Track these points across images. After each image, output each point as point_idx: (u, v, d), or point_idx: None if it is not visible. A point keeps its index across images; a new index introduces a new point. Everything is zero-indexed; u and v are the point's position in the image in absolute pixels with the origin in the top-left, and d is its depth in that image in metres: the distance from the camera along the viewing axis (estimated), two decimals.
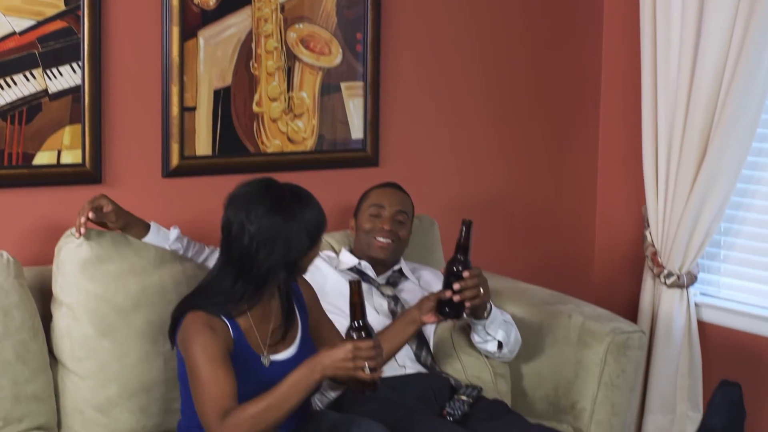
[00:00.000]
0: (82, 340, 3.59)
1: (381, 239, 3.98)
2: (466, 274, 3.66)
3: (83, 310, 3.59)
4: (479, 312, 3.81)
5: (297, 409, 3.19)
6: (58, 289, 3.63)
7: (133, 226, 3.69)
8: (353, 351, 3.05)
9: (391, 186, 4.11)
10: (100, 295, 3.60)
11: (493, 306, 3.86)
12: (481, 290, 3.70)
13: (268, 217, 3.20)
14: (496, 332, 3.90)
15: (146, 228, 3.71)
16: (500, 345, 3.93)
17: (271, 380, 3.17)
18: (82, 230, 3.56)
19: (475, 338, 3.95)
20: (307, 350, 3.37)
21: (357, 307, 3.12)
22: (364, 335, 3.08)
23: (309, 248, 3.25)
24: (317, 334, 3.52)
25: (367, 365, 3.05)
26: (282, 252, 3.20)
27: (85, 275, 3.60)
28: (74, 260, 3.60)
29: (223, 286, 3.27)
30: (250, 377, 3.23)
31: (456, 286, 3.66)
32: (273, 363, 3.31)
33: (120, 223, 3.65)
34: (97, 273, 3.61)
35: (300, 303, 3.49)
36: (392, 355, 3.74)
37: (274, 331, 3.35)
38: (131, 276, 3.63)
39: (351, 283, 3.15)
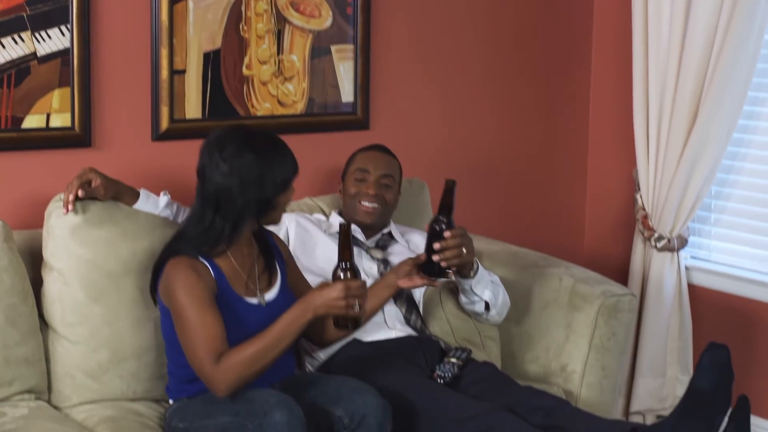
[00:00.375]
0: (74, 306, 3.59)
1: (366, 204, 3.98)
2: (447, 234, 3.63)
3: (74, 276, 3.59)
4: (465, 271, 3.80)
5: (283, 364, 3.32)
6: (48, 253, 3.62)
7: (123, 195, 3.68)
8: (345, 290, 3.15)
9: (377, 149, 4.09)
10: (91, 261, 3.60)
11: (480, 265, 3.85)
12: (464, 250, 3.66)
13: (241, 154, 3.29)
14: (483, 292, 3.89)
15: (136, 196, 3.70)
16: (488, 306, 3.93)
17: (257, 322, 3.27)
18: (70, 207, 3.55)
19: (463, 299, 3.95)
20: (288, 296, 3.46)
21: (345, 249, 3.22)
22: (350, 276, 3.20)
23: (282, 188, 3.33)
24: (294, 288, 3.57)
25: (357, 302, 3.18)
26: (255, 189, 3.29)
27: (76, 240, 3.59)
28: (64, 225, 3.59)
29: (199, 228, 3.35)
30: (234, 320, 3.29)
31: (436, 246, 3.63)
32: (257, 306, 3.39)
33: (109, 195, 3.63)
34: (88, 238, 3.60)
35: (279, 256, 3.55)
36: (369, 317, 3.74)
37: (259, 276, 3.44)
38: (122, 241, 3.63)
39: (341, 225, 3.25)
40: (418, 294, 4.01)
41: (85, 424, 3.47)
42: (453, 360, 3.77)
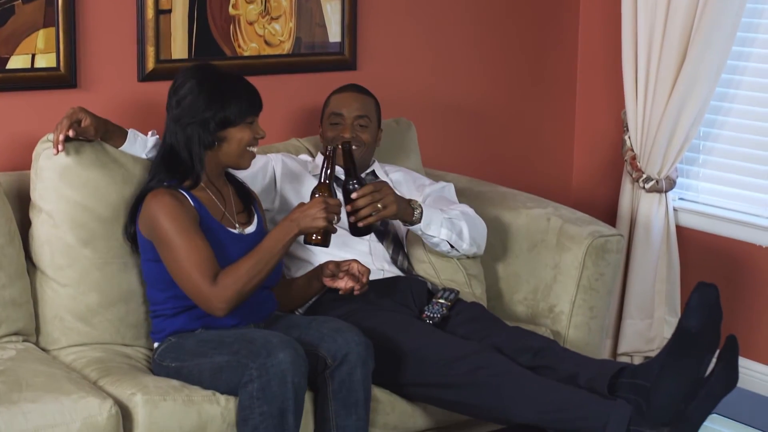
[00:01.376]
0: (63, 249, 3.58)
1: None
2: (354, 195, 3.66)
3: (64, 218, 3.58)
4: (405, 217, 3.79)
5: (265, 299, 3.49)
6: (36, 195, 3.60)
7: (111, 134, 3.64)
8: (324, 205, 3.37)
9: (350, 89, 4.05)
10: (80, 203, 3.58)
11: (425, 208, 3.82)
12: (379, 205, 3.66)
13: (185, 86, 3.49)
14: (439, 232, 3.86)
15: (124, 135, 3.66)
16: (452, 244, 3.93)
17: (239, 251, 3.41)
18: (60, 147, 3.51)
19: (426, 243, 3.94)
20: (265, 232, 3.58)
21: (328, 170, 3.47)
22: (331, 194, 3.46)
23: (227, 121, 3.46)
24: None
25: (335, 218, 3.41)
26: (199, 119, 3.46)
27: (65, 182, 3.58)
28: (53, 167, 3.58)
29: (165, 162, 3.52)
30: (217, 246, 3.40)
31: (348, 208, 3.67)
32: (237, 235, 3.51)
33: (98, 135, 3.60)
34: (77, 180, 3.58)
35: (255, 204, 3.67)
36: (299, 305, 3.75)
37: (237, 214, 3.57)
38: (111, 185, 3.61)
39: (326, 147, 3.47)
40: (403, 234, 4.01)
41: (73, 366, 3.48)
42: (441, 301, 3.77)
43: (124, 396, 3.23)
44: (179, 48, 4.11)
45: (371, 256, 3.88)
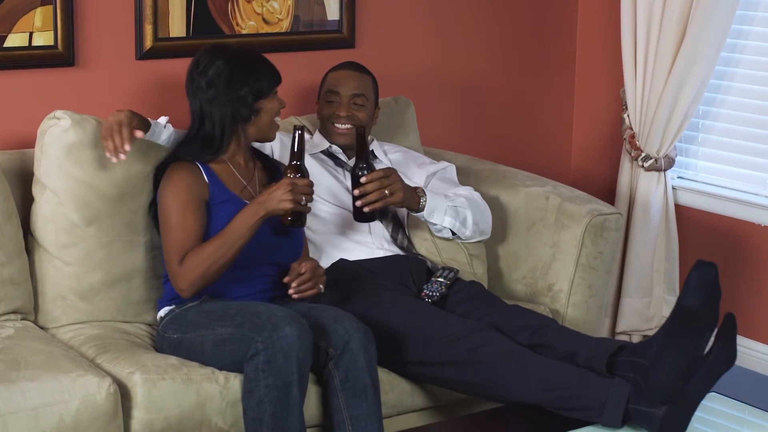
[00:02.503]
0: (68, 227, 3.58)
1: (339, 126, 3.94)
2: (363, 179, 3.66)
3: (69, 196, 3.57)
4: (411, 205, 3.80)
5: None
6: (41, 172, 3.60)
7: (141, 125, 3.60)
8: (291, 186, 3.39)
9: (347, 67, 4.04)
10: (86, 182, 3.58)
11: (429, 196, 3.83)
12: (387, 192, 3.67)
13: (213, 64, 3.53)
14: (442, 220, 3.88)
15: (149, 125, 3.63)
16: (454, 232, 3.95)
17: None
18: (122, 156, 3.45)
19: (431, 229, 3.95)
20: None
21: (297, 151, 3.47)
22: (300, 175, 3.45)
23: (259, 93, 3.52)
24: None
25: (303, 199, 3.41)
26: (229, 93, 3.51)
27: (71, 160, 3.57)
28: (60, 144, 3.57)
29: (191, 138, 3.57)
30: (230, 217, 3.45)
31: (356, 192, 3.67)
32: None
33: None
34: (83, 158, 3.58)
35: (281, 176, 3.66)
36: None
37: (259, 188, 3.59)
38: (117, 164, 3.59)
39: (295, 127, 3.47)
40: (403, 213, 4.01)
41: (71, 344, 3.48)
42: (440, 279, 3.78)
43: (123, 374, 3.24)
44: (177, 26, 4.10)
45: (370, 235, 3.88)
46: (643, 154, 4.65)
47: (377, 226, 3.91)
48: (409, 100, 4.44)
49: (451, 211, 3.88)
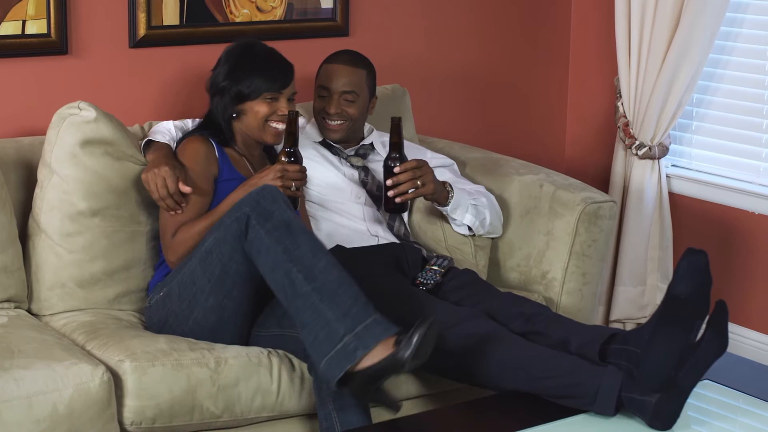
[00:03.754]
0: (74, 215, 3.58)
1: (329, 122, 3.94)
2: (397, 169, 3.70)
3: (78, 186, 3.58)
4: (439, 199, 3.86)
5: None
6: (52, 157, 3.59)
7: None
8: (281, 171, 3.48)
9: (341, 61, 4.00)
10: (98, 173, 3.59)
11: (455, 191, 3.88)
12: (419, 183, 3.72)
13: (221, 64, 3.67)
14: (463, 217, 3.94)
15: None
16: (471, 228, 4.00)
17: None
18: (179, 210, 3.50)
19: (450, 221, 3.98)
20: None
21: (290, 136, 3.55)
22: (292, 160, 3.53)
23: (245, 96, 3.60)
24: None
25: (294, 185, 3.50)
26: (223, 93, 3.62)
27: (86, 151, 3.57)
28: (78, 134, 3.57)
29: (205, 123, 3.70)
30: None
31: (389, 182, 3.71)
32: None
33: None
34: (98, 152, 3.59)
35: None
36: None
37: None
38: (131, 161, 3.63)
39: (290, 112, 3.57)
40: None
41: (63, 331, 3.48)
42: (435, 267, 3.78)
43: (113, 362, 3.24)
44: (171, 14, 4.09)
45: (365, 222, 3.88)
46: (637, 142, 4.65)
47: (372, 212, 3.91)
48: (405, 88, 4.44)
49: (473, 209, 3.95)
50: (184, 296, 3.41)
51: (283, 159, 3.53)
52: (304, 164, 3.61)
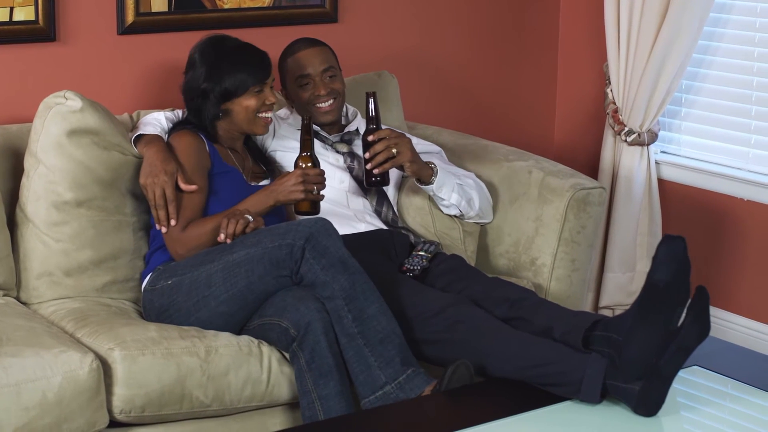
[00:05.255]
0: (60, 205, 3.58)
1: (322, 105, 3.93)
2: (371, 138, 3.73)
3: (64, 176, 3.57)
4: (423, 176, 3.85)
5: None
6: (38, 147, 3.58)
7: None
8: (302, 176, 3.51)
9: (305, 47, 3.98)
10: (84, 164, 3.58)
11: (440, 170, 3.88)
12: (394, 151, 3.74)
13: (194, 67, 3.64)
14: (450, 196, 3.93)
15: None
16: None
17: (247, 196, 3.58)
18: (167, 226, 3.52)
19: (437, 205, 3.98)
20: None
21: (307, 141, 3.57)
22: (311, 164, 3.56)
23: (226, 96, 3.59)
24: None
25: (315, 188, 3.53)
26: (203, 96, 3.60)
27: (73, 142, 3.56)
28: (63, 123, 3.56)
29: (189, 116, 3.70)
30: (229, 191, 3.59)
31: (366, 155, 3.74)
32: (255, 187, 3.65)
33: None
34: (85, 142, 3.57)
35: (272, 175, 3.81)
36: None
37: (252, 174, 3.72)
38: (118, 151, 3.61)
39: (303, 117, 3.63)
40: (392, 188, 4.01)
41: (52, 319, 3.48)
42: (422, 253, 3.78)
43: (102, 350, 3.23)
44: (159, 1, 4.09)
45: (351, 210, 3.88)
46: (626, 129, 4.65)
47: (358, 199, 3.91)
48: (393, 75, 4.43)
49: (459, 188, 3.93)
50: (194, 294, 3.40)
51: (301, 164, 3.55)
52: (294, 162, 3.62)
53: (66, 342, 3.21)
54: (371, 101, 3.77)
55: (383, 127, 3.83)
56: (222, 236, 3.41)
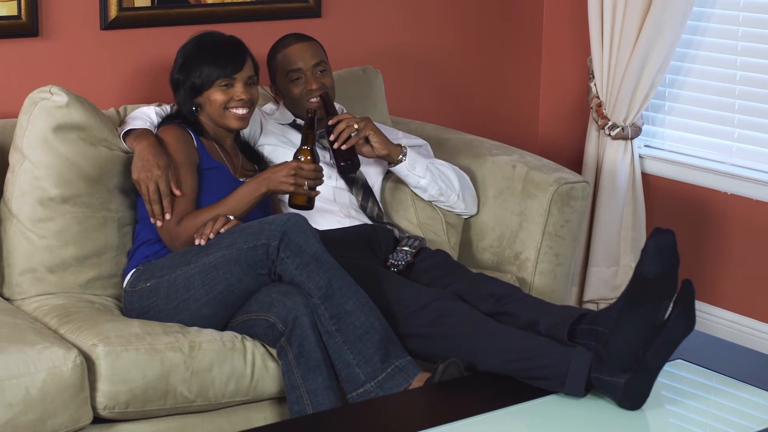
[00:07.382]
0: (46, 201, 3.57)
1: (314, 99, 3.93)
2: (331, 121, 3.81)
3: (50, 172, 3.56)
4: (392, 153, 3.90)
5: None
6: (24, 142, 3.57)
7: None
8: (295, 169, 3.49)
9: (295, 41, 3.98)
10: (70, 160, 3.57)
11: (409, 150, 3.92)
12: (356, 126, 3.80)
13: (177, 58, 3.67)
14: (425, 174, 3.95)
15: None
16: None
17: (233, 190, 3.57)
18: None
19: (410, 186, 3.99)
20: None
21: (309, 135, 3.57)
22: (308, 158, 3.53)
23: (199, 88, 3.62)
24: None
25: (307, 184, 3.50)
26: (180, 87, 3.65)
27: (58, 137, 3.55)
28: (49, 119, 3.55)
29: (176, 112, 3.72)
30: (216, 186, 3.59)
31: (331, 137, 3.79)
32: (236, 180, 3.64)
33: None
34: (70, 138, 3.56)
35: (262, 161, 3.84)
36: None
37: (240, 169, 3.71)
38: (104, 147, 3.61)
39: (307, 111, 3.64)
40: (374, 181, 4.01)
41: (35, 315, 3.47)
42: (406, 248, 3.78)
43: (86, 346, 3.22)
44: None
45: (336, 204, 3.88)
46: (610, 123, 4.66)
47: (346, 194, 3.91)
48: (377, 70, 4.43)
49: (432, 168, 3.95)
50: (173, 297, 3.40)
51: (300, 157, 3.54)
52: (290, 158, 3.62)
53: (49, 338, 3.20)
54: (320, 108, 3.84)
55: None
56: (198, 240, 3.43)
